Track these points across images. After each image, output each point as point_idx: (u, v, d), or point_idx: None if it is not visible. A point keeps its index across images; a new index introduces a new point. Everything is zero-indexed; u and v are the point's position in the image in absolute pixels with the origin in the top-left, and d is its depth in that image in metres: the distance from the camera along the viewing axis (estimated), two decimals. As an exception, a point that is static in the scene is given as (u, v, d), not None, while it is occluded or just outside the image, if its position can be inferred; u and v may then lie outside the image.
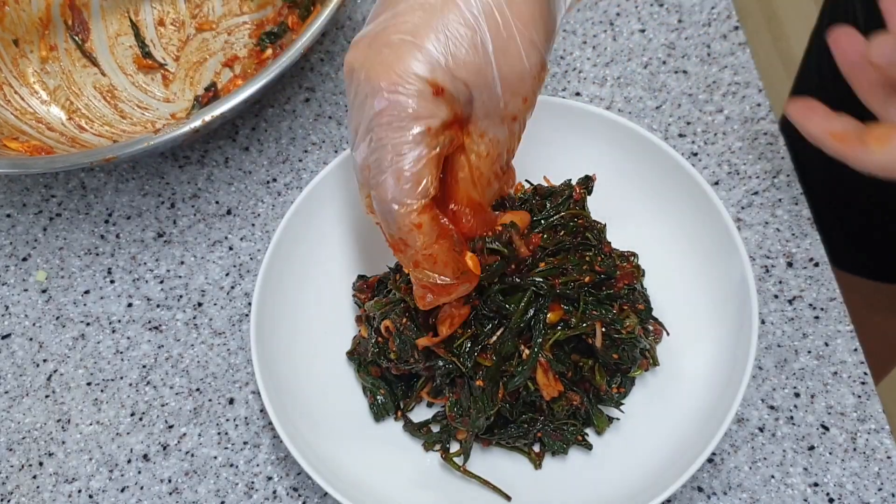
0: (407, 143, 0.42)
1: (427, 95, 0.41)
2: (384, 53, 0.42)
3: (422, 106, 0.41)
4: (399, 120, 0.42)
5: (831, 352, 0.56)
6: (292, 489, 0.56)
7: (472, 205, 0.47)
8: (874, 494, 0.52)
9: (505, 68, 0.43)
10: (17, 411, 0.60)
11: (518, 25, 0.43)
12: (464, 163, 0.45)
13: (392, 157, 0.42)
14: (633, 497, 0.49)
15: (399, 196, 0.43)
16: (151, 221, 0.66)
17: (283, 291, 0.57)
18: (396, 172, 0.42)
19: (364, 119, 0.43)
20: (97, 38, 0.74)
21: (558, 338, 0.50)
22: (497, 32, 0.42)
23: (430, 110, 0.42)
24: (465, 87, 0.42)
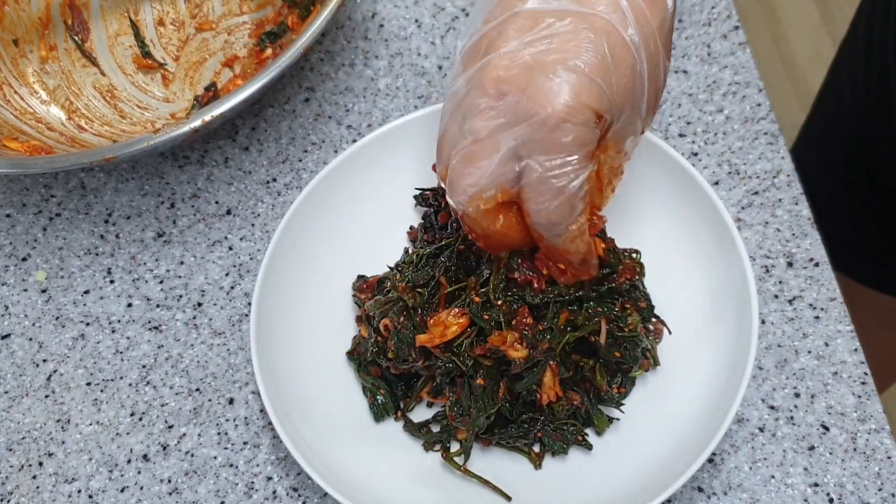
0: (576, 171, 0.43)
1: (591, 123, 0.42)
2: (550, 80, 0.41)
3: (586, 134, 0.42)
4: (565, 149, 0.42)
5: (831, 352, 0.56)
6: (292, 489, 0.56)
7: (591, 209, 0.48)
8: (874, 494, 0.52)
9: (651, 90, 0.44)
10: (17, 411, 0.60)
11: (663, 53, 0.44)
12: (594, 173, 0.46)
13: (562, 186, 0.43)
14: (633, 497, 0.49)
15: (572, 216, 0.45)
16: (151, 221, 0.66)
17: (283, 291, 0.57)
18: (569, 199, 0.43)
19: (508, 139, 0.42)
20: (97, 38, 0.74)
21: (568, 340, 0.50)
22: (650, 61, 0.43)
23: (591, 137, 0.43)
24: (619, 113, 0.44)
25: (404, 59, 0.70)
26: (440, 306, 0.52)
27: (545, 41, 0.42)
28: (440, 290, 0.52)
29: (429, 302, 0.52)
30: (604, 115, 0.42)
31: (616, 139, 0.46)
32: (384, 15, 0.72)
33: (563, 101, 0.41)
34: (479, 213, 0.45)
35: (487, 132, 0.43)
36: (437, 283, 0.52)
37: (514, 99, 0.42)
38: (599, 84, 0.41)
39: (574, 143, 0.42)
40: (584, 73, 0.41)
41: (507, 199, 0.45)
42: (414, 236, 0.60)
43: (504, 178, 0.44)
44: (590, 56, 0.41)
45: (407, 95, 0.68)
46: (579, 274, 0.49)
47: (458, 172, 0.44)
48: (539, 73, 0.41)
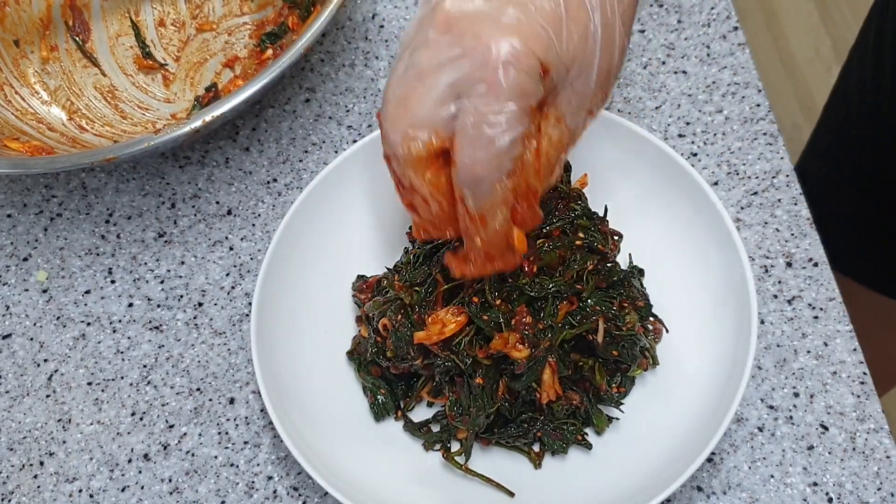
0: (512, 122, 0.40)
1: (535, 74, 0.40)
2: (500, 22, 0.39)
3: (529, 84, 0.40)
4: (506, 96, 0.39)
5: (830, 352, 0.56)
6: (292, 489, 0.56)
7: (528, 193, 0.45)
8: (873, 494, 0.53)
9: (603, 62, 0.42)
10: (18, 411, 0.60)
11: (620, 24, 0.42)
12: (532, 146, 0.43)
13: (494, 134, 0.40)
14: (633, 497, 0.50)
15: (497, 174, 0.42)
16: (152, 221, 0.66)
17: (283, 291, 0.57)
18: (498, 153, 0.41)
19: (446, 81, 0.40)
20: (98, 39, 0.74)
21: (565, 336, 0.50)
22: (605, 26, 0.41)
23: (533, 89, 0.40)
24: (565, 72, 0.41)
25: (404, 59, 0.70)
26: (438, 304, 0.52)
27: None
28: (437, 288, 0.52)
29: (426, 300, 0.52)
30: (549, 70, 0.40)
31: (559, 106, 0.43)
32: (384, 16, 0.72)
33: (509, 43, 0.39)
34: (410, 157, 0.42)
35: (429, 66, 0.40)
36: (433, 281, 0.52)
37: (460, 34, 0.40)
38: (549, 34, 0.39)
39: (513, 89, 0.39)
40: (535, 19, 0.39)
41: (439, 145, 0.42)
42: None
43: (439, 118, 0.41)
44: (542, 3, 0.39)
45: (407, 96, 0.68)
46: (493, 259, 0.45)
47: (395, 109, 0.42)
48: (490, 12, 0.39)
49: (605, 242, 0.53)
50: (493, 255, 0.45)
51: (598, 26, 0.41)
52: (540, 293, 0.50)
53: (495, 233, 0.44)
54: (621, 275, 0.53)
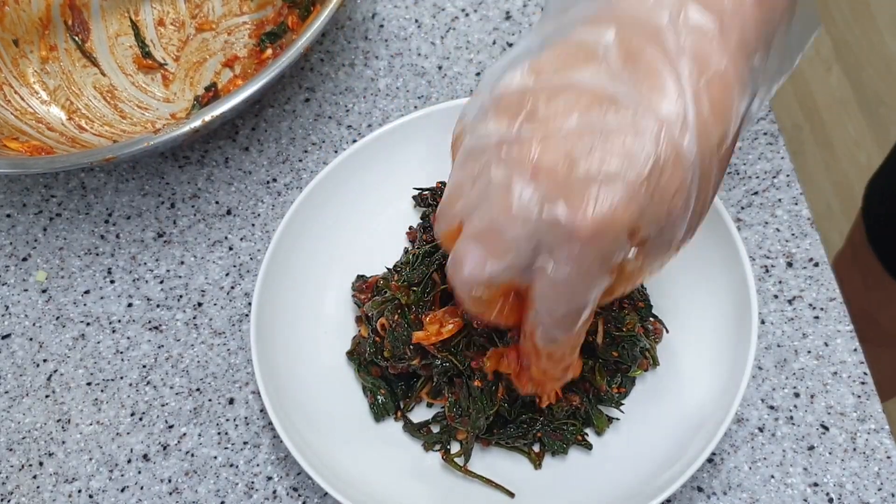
0: (594, 284, 0.38)
1: (623, 239, 0.37)
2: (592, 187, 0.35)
3: (615, 248, 0.37)
4: (592, 263, 0.37)
5: (831, 352, 0.56)
6: (292, 489, 0.56)
7: None
8: (874, 494, 0.53)
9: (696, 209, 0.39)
10: (17, 411, 0.60)
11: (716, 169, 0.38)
12: None
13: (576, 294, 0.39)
14: (633, 497, 0.49)
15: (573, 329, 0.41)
16: (151, 221, 0.66)
17: (283, 291, 0.57)
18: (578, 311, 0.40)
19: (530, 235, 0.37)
20: (97, 38, 0.74)
21: None
22: (704, 179, 0.38)
23: (619, 252, 0.37)
24: (657, 230, 0.38)
25: (404, 59, 0.70)
26: (436, 304, 0.52)
27: (595, 134, 0.36)
28: (435, 288, 0.52)
29: (423, 300, 0.52)
30: (638, 231, 0.37)
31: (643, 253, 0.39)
32: (384, 15, 0.72)
33: (599, 214, 0.35)
34: (479, 302, 0.40)
35: (509, 222, 0.37)
36: (430, 281, 0.52)
37: (547, 195, 0.36)
38: (641, 199, 0.36)
39: (599, 258, 0.37)
40: (630, 185, 0.35)
41: (513, 288, 0.40)
42: (413, 236, 0.60)
43: (516, 275, 0.39)
44: (638, 165, 0.35)
45: (407, 96, 0.68)
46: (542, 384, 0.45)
47: (467, 253, 0.39)
48: (581, 172, 0.35)
49: None
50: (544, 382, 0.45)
51: (696, 180, 0.37)
52: None
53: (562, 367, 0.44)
54: None
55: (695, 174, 0.37)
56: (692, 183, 0.37)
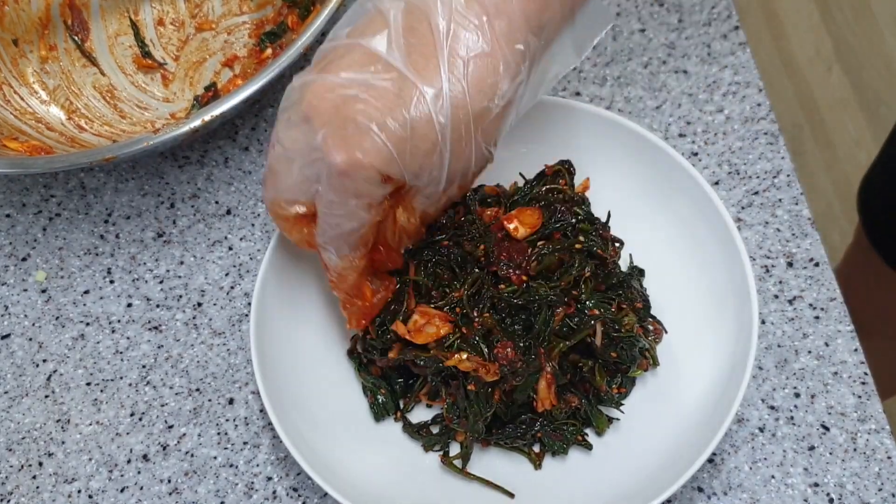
0: (353, 215, 0.46)
1: (374, 181, 0.44)
2: (349, 130, 0.43)
3: (368, 188, 0.45)
4: (346, 195, 0.45)
5: (831, 352, 0.56)
6: (292, 489, 0.56)
7: (386, 245, 0.51)
8: (874, 494, 0.52)
9: (456, 167, 0.46)
10: (17, 411, 0.60)
11: (479, 139, 0.45)
12: (389, 219, 0.49)
13: (338, 221, 0.47)
14: (633, 497, 0.49)
15: (345, 249, 0.48)
16: (151, 221, 0.66)
17: (283, 291, 0.57)
18: (341, 236, 0.47)
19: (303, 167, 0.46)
20: (97, 38, 0.74)
21: (561, 349, 0.50)
22: (457, 143, 0.45)
23: (374, 192, 0.45)
24: (412, 177, 0.45)
25: (404, 59, 0.70)
26: (410, 298, 0.52)
27: (362, 87, 0.43)
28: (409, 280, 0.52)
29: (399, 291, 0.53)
30: (391, 178, 0.45)
31: (410, 200, 0.48)
32: (384, 15, 0.72)
33: (350, 155, 0.43)
34: (280, 220, 0.49)
35: (288, 150, 0.46)
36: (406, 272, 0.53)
37: (314, 131, 0.44)
38: (390, 150, 0.43)
39: (352, 193, 0.45)
40: (379, 136, 0.43)
41: (304, 211, 0.48)
42: None
43: (301, 195, 0.47)
44: (391, 121, 0.43)
45: (407, 95, 0.68)
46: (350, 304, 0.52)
47: (267, 179, 0.49)
48: (342, 116, 0.43)
49: (605, 248, 0.52)
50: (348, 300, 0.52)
51: (449, 143, 0.44)
52: (529, 301, 0.50)
53: (349, 286, 0.51)
54: (621, 277, 0.53)
55: (446, 138, 0.44)
56: (444, 146, 0.44)
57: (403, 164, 0.44)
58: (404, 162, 0.44)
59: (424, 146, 0.44)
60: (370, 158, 0.43)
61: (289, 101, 0.46)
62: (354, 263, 0.49)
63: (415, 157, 0.44)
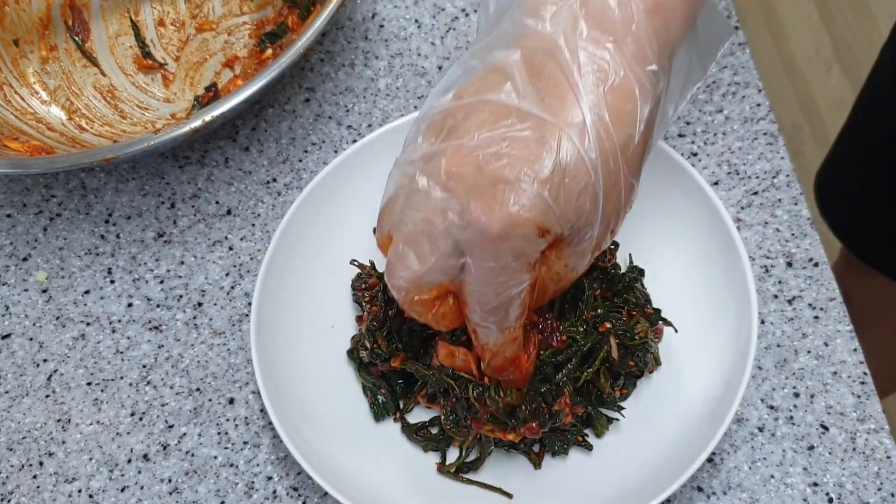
0: (513, 279, 0.42)
1: (533, 238, 0.41)
2: (498, 189, 0.40)
3: (527, 248, 0.41)
4: (505, 260, 0.41)
5: (831, 352, 0.56)
6: (292, 489, 0.56)
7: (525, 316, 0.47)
8: (874, 494, 0.53)
9: (608, 209, 0.43)
10: (18, 411, 0.60)
11: (626, 171, 0.42)
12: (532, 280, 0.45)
13: (498, 291, 0.43)
14: (633, 497, 0.49)
15: (505, 321, 0.44)
16: (151, 221, 0.66)
17: (283, 291, 0.57)
18: (504, 305, 0.43)
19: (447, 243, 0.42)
20: (97, 38, 0.74)
21: (586, 378, 0.50)
22: (608, 176, 0.41)
23: (532, 249, 0.41)
24: (568, 227, 0.42)
25: (404, 59, 0.70)
26: None
27: (501, 143, 0.40)
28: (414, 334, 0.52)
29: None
30: (549, 230, 0.41)
31: (563, 250, 0.44)
32: (384, 15, 0.72)
33: (505, 214, 0.40)
34: (416, 306, 0.45)
35: (430, 226, 0.42)
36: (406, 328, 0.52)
37: (459, 199, 0.41)
38: (546, 199, 0.40)
39: (512, 254, 0.41)
40: (532, 187, 0.40)
41: (445, 291, 0.44)
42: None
43: (444, 274, 0.43)
44: (540, 168, 0.40)
45: (407, 96, 0.68)
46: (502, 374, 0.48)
47: (399, 258, 0.44)
48: (488, 177, 0.40)
49: (603, 256, 0.52)
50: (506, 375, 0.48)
51: (601, 180, 0.41)
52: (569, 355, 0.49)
53: (508, 359, 0.47)
54: (625, 281, 0.53)
55: (598, 174, 0.41)
56: (597, 183, 0.41)
57: (560, 213, 0.41)
58: (560, 210, 0.41)
59: (577, 188, 0.41)
60: (527, 213, 0.40)
61: (412, 168, 0.43)
62: (516, 334, 0.46)
63: (569, 202, 0.41)
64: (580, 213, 0.41)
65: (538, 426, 0.48)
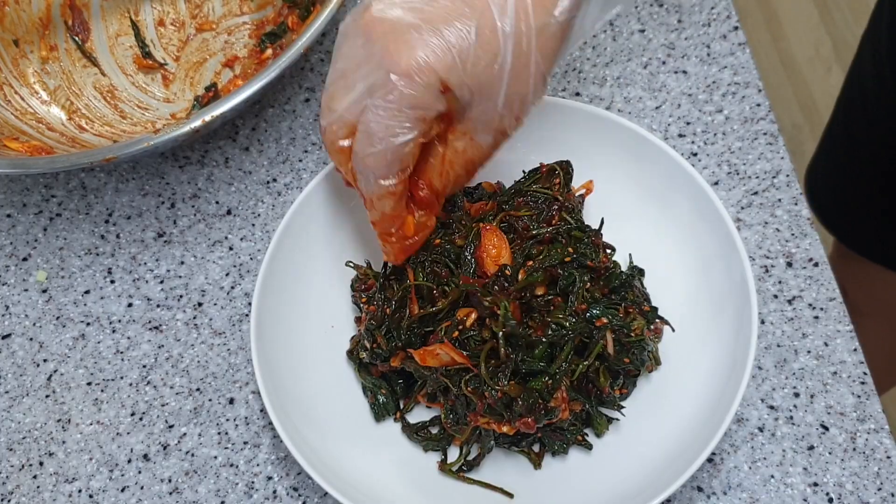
0: (403, 126, 0.44)
1: (434, 90, 0.43)
2: (410, 36, 0.43)
3: (426, 97, 0.43)
4: (401, 103, 0.43)
5: (831, 352, 0.56)
6: (292, 489, 0.56)
7: (430, 187, 0.50)
8: (874, 494, 0.53)
9: (512, 90, 0.45)
10: (18, 411, 0.60)
11: (538, 59, 0.45)
12: (438, 152, 0.48)
13: (385, 135, 0.45)
14: (633, 497, 0.49)
15: (385, 171, 0.46)
16: (151, 221, 0.66)
17: (283, 291, 0.57)
18: (387, 152, 0.45)
19: (361, 82, 0.45)
20: (97, 39, 0.74)
21: (581, 370, 0.50)
22: (518, 58, 0.44)
23: (431, 102, 0.44)
24: (469, 94, 0.44)
25: (404, 59, 0.70)
26: (412, 303, 0.52)
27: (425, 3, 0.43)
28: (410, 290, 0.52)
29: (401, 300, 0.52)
30: (450, 88, 0.43)
31: (465, 122, 0.47)
32: (384, 15, 0.72)
33: (413, 56, 0.42)
34: (332, 148, 0.48)
35: (348, 68, 0.45)
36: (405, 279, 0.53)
37: (374, 42, 0.44)
38: (454, 57, 0.43)
39: (410, 99, 0.43)
40: (443, 41, 0.42)
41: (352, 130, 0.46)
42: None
43: (354, 115, 0.45)
44: (455, 28, 0.43)
45: (407, 96, 0.68)
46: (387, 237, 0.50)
47: (324, 106, 0.48)
48: (406, 26, 0.43)
49: (595, 256, 0.52)
50: (387, 234, 0.50)
51: (509, 55, 0.44)
52: (559, 337, 0.49)
53: (385, 216, 0.49)
54: (622, 278, 0.53)
55: (507, 49, 0.43)
56: (505, 56, 0.43)
57: (465, 73, 0.43)
58: (466, 71, 0.43)
59: (486, 56, 0.43)
60: (433, 61, 0.43)
61: (343, 35, 0.46)
62: (395, 189, 0.47)
63: (475, 66, 0.43)
64: (484, 80, 0.44)
65: (533, 421, 0.48)
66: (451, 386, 0.50)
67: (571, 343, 0.49)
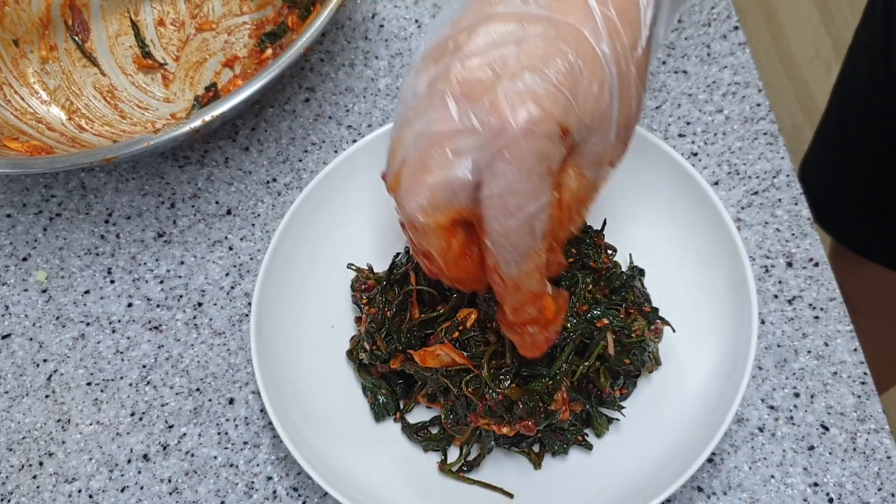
0: (537, 188, 0.40)
1: (556, 137, 0.39)
2: (514, 87, 0.38)
3: (550, 148, 0.39)
4: (528, 163, 0.39)
5: (831, 352, 0.56)
6: (292, 489, 0.56)
7: (557, 241, 0.45)
8: (874, 494, 0.52)
9: (622, 115, 0.41)
10: (17, 411, 0.60)
11: (634, 74, 0.41)
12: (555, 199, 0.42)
13: (523, 202, 0.40)
14: (633, 497, 0.49)
15: (530, 241, 0.41)
16: (151, 221, 0.66)
17: (283, 291, 0.57)
18: (529, 219, 0.40)
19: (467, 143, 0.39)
20: (97, 38, 0.74)
21: (582, 371, 0.50)
22: (621, 78, 0.40)
23: (555, 152, 0.39)
24: (586, 130, 0.40)
25: (404, 59, 0.70)
26: (413, 307, 0.52)
27: (514, 45, 0.39)
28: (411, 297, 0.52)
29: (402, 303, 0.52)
30: (569, 131, 0.39)
31: (578, 160, 0.42)
32: (384, 15, 0.72)
33: (527, 110, 0.38)
34: (432, 229, 0.41)
35: (445, 133, 0.39)
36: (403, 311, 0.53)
37: (476, 103, 0.39)
38: (566, 96, 0.38)
39: (536, 155, 0.38)
40: (552, 82, 0.38)
41: (463, 214, 0.41)
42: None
43: (460, 188, 0.40)
44: (558, 65, 0.38)
45: (407, 95, 0.68)
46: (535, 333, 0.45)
47: (412, 179, 0.40)
48: (504, 78, 0.38)
49: (597, 257, 0.52)
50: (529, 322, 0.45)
51: (615, 80, 0.40)
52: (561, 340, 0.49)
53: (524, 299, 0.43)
54: (623, 278, 0.53)
55: (612, 74, 0.40)
56: (612, 81, 0.40)
57: (579, 111, 0.39)
58: (580, 108, 0.39)
59: (595, 86, 0.39)
60: (548, 107, 0.38)
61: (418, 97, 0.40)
62: (540, 259, 0.42)
63: (587, 101, 0.39)
64: (597, 113, 0.40)
65: (534, 424, 0.48)
66: (451, 386, 0.50)
67: (572, 344, 0.49)
